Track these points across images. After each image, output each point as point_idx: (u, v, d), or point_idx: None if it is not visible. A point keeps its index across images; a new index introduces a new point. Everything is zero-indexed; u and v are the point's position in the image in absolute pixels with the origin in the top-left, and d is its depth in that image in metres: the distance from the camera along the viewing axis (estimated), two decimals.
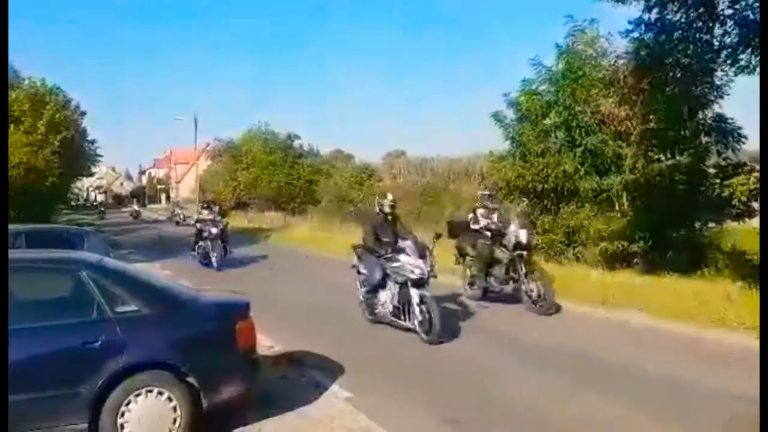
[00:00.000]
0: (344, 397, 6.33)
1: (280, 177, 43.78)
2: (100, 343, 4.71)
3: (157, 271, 13.36)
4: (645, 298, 10.50)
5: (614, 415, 5.76)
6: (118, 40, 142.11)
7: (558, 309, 10.38)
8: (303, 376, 7.04)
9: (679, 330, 9.05)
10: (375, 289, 9.37)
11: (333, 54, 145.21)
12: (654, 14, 11.47)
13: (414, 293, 8.59)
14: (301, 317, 10.52)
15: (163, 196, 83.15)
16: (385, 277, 9.13)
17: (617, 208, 16.00)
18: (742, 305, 9.36)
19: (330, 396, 6.37)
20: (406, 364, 7.66)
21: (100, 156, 51.34)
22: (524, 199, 17.37)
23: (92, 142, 47.10)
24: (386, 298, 9.18)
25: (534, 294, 10.37)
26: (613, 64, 15.20)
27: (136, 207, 56.64)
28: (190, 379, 4.94)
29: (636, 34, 12.03)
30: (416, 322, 8.54)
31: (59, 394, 4.58)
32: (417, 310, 8.51)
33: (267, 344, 7.98)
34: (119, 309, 4.93)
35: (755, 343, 7.96)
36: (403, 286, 8.83)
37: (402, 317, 8.92)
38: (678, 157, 15.52)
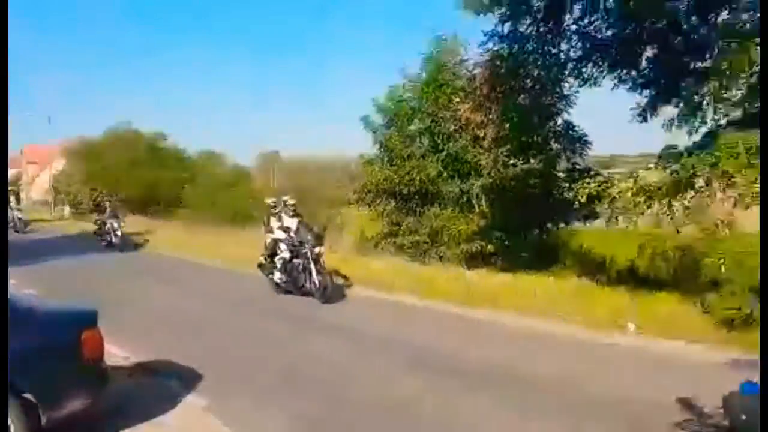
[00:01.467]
0: (201, 405, 6.22)
1: (145, 178, 41.84)
2: None
3: None
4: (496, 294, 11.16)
5: None
6: None
7: None
8: (159, 386, 6.84)
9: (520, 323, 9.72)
10: None
11: (192, 51, 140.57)
12: (507, 27, 12.13)
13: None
14: None
15: (13, 199, 76.80)
16: None
17: (477, 209, 16.79)
18: (585, 300, 10.18)
19: (187, 405, 6.24)
20: None
21: None
22: (391, 201, 17.82)
23: None
24: None
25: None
26: (470, 72, 15.94)
27: (18, 214, 33.65)
28: (27, 395, 4.64)
29: (491, 45, 12.64)
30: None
31: None
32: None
33: (122, 354, 7.66)
34: None
35: (594, 335, 8.77)
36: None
37: None
38: (531, 161, 16.57)
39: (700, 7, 10.79)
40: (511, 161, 16.43)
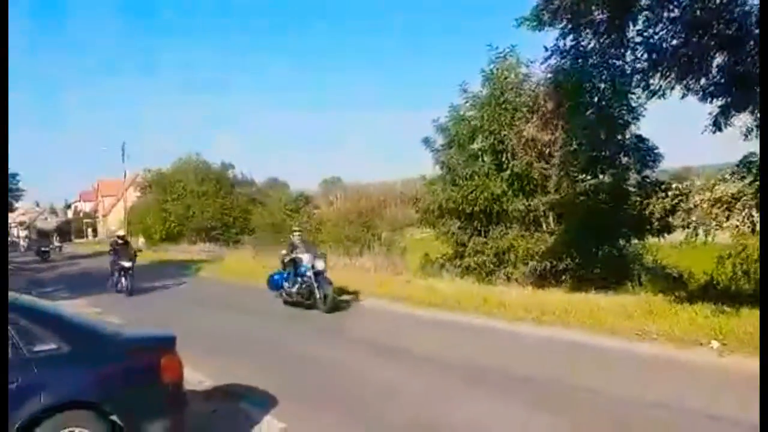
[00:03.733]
0: (278, 428, 6.26)
1: (213, 207, 43.14)
2: (16, 384, 4.52)
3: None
4: (571, 313, 10.84)
5: None
6: (39, 67, 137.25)
7: None
8: (235, 409, 6.93)
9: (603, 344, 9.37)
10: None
11: (262, 81, 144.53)
12: (569, 41, 11.94)
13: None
14: None
15: (90, 231, 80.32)
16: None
17: (544, 227, 16.48)
18: (662, 317, 9.78)
19: (263, 427, 6.29)
20: None
21: (23, 191, 49.51)
22: (455, 221, 17.70)
23: (14, 176, 45.43)
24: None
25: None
26: (534, 90, 15.77)
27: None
28: (114, 418, 4.79)
29: (553, 61, 12.46)
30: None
31: None
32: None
33: (198, 379, 7.81)
34: (37, 348, 4.76)
35: (675, 353, 8.40)
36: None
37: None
38: (600, 176, 16.18)
39: None
40: (579, 177, 16.11)
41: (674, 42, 11.62)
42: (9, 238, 75.43)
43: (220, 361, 9.07)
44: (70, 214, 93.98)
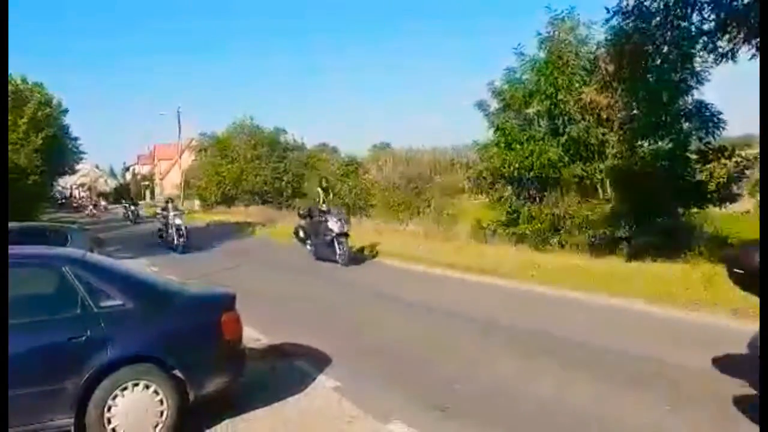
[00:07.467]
0: (332, 386, 6.37)
1: (266, 171, 43.66)
2: (85, 338, 4.71)
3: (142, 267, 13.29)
4: (627, 282, 10.62)
5: None
6: (100, 35, 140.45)
7: None
8: (291, 368, 7.08)
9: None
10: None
11: (316, 45, 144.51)
12: (632, 1, 11.52)
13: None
14: None
15: (148, 193, 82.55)
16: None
17: (601, 194, 16.12)
18: (723, 288, 9.47)
19: (317, 386, 6.42)
20: None
21: (84, 153, 51.20)
22: (509, 187, 17.47)
23: (75, 139, 46.98)
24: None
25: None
26: (594, 53, 15.30)
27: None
28: (176, 372, 4.95)
29: (615, 22, 12.06)
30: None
31: (45, 390, 4.56)
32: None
33: (254, 336, 7.99)
34: (104, 304, 4.92)
35: (736, 324, 8.16)
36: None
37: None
38: (660, 143, 15.69)
39: None
40: (638, 142, 15.64)
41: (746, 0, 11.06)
42: (71, 199, 78.46)
43: None
44: (128, 176, 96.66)
